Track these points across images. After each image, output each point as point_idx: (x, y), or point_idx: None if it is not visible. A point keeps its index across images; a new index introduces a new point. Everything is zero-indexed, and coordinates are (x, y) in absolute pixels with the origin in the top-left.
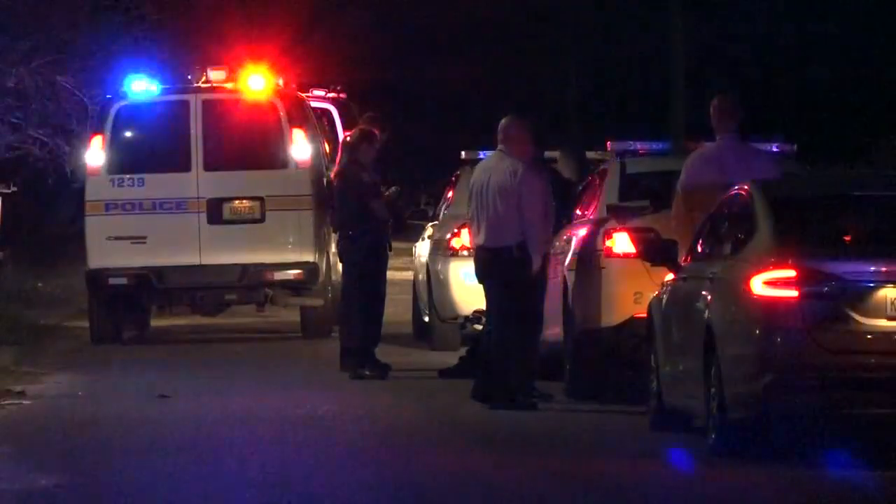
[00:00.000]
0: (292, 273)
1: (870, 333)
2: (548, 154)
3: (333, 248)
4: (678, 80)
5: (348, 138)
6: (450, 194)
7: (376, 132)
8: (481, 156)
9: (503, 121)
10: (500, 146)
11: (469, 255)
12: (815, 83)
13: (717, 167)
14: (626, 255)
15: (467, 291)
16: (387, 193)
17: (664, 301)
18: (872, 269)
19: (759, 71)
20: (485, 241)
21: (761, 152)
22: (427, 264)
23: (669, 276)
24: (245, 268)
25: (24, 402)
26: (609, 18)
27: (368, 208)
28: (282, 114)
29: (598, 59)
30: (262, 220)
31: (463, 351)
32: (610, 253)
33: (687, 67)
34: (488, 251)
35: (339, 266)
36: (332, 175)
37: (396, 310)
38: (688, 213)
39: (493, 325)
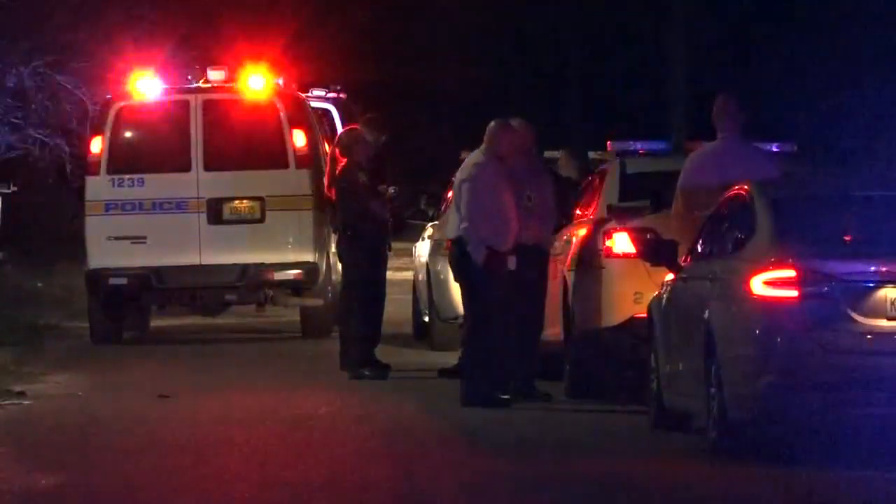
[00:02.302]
0: (292, 273)
1: (870, 333)
2: (549, 154)
3: (333, 248)
4: (678, 81)
5: (337, 142)
6: (449, 194)
7: (363, 130)
8: None
9: (490, 124)
10: (482, 146)
11: None
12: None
13: (716, 167)
14: (626, 255)
15: None
16: (388, 193)
17: (664, 301)
18: (872, 269)
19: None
20: (445, 234)
21: (762, 152)
22: (427, 264)
23: (669, 276)
24: (245, 268)
25: (24, 402)
26: (611, 18)
27: (367, 208)
28: (282, 114)
29: (599, 57)
30: (262, 220)
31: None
32: (610, 253)
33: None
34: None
35: (339, 266)
36: (326, 178)
37: (396, 310)
38: (688, 212)
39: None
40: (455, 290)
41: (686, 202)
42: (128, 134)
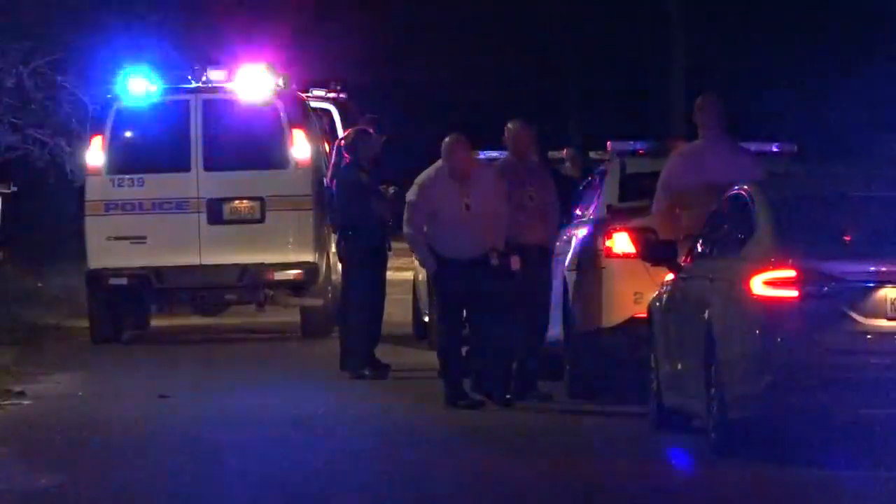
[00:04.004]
0: (292, 273)
1: (870, 333)
2: (552, 154)
3: (333, 248)
4: (678, 80)
5: (344, 139)
6: None
7: (371, 131)
8: (480, 156)
9: (446, 139)
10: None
11: None
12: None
13: (698, 166)
14: (626, 255)
15: None
16: (388, 194)
17: (664, 301)
18: (872, 269)
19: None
20: None
21: (744, 152)
22: None
23: (669, 276)
24: (245, 268)
25: (24, 402)
26: (609, 18)
27: (368, 208)
28: (282, 114)
29: (598, 57)
30: (262, 220)
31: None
32: (610, 253)
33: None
34: None
35: (339, 266)
36: (327, 176)
37: (396, 310)
38: (669, 209)
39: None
40: None
41: (668, 200)
42: (128, 134)
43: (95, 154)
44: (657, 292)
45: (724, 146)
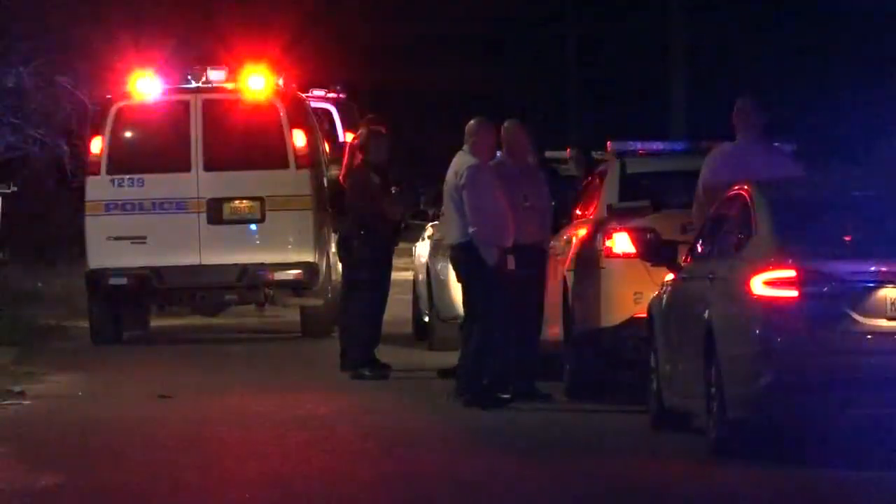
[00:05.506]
0: (292, 273)
1: (870, 333)
2: (552, 154)
3: (333, 248)
4: (678, 80)
5: (357, 139)
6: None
7: (384, 131)
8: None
9: (470, 122)
10: (464, 146)
11: None
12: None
13: (738, 166)
14: (626, 255)
15: None
16: (394, 194)
17: (664, 301)
18: (872, 269)
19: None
20: (444, 238)
21: (781, 152)
22: (427, 264)
23: (669, 276)
24: (245, 268)
25: (24, 402)
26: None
27: (379, 209)
28: (282, 114)
29: (598, 57)
30: (262, 220)
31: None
32: (610, 253)
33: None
34: (449, 248)
35: (339, 266)
36: (339, 176)
37: (396, 310)
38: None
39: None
40: (455, 290)
41: (707, 201)
42: (128, 134)
43: (95, 154)
44: (657, 292)
45: (762, 146)
